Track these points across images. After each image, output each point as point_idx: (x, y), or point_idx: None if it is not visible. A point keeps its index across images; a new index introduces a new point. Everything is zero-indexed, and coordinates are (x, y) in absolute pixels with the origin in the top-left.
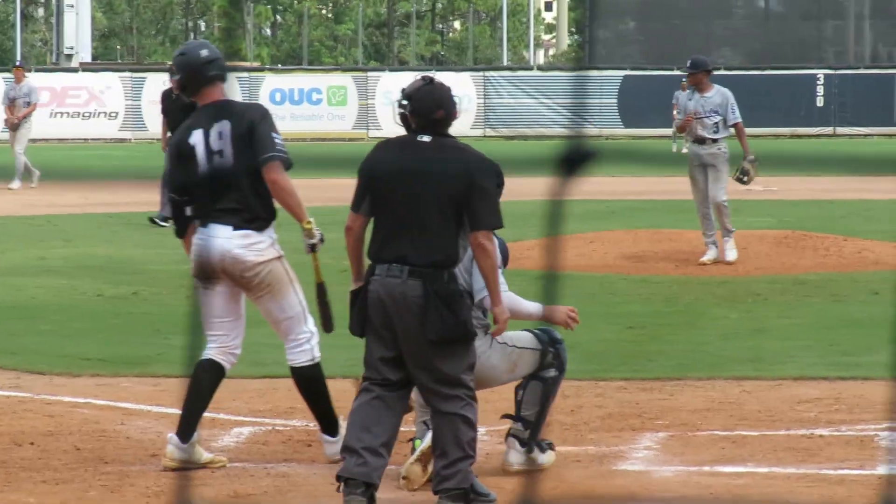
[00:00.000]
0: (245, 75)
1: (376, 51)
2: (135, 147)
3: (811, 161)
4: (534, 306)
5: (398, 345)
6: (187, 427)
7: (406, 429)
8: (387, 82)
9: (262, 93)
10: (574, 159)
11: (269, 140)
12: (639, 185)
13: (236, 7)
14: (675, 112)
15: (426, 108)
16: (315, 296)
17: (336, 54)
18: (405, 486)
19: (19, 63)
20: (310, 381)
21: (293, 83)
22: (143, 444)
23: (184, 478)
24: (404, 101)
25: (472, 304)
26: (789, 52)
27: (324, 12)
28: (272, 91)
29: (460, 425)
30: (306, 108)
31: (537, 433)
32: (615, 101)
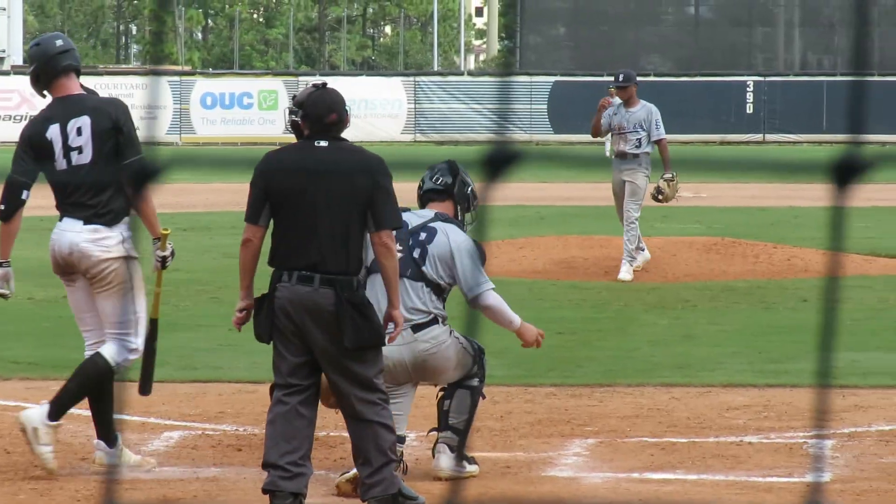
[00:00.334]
0: (176, 79)
1: (307, 55)
2: None
3: (733, 163)
4: (515, 317)
5: (308, 351)
6: (105, 428)
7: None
8: None
9: (193, 97)
10: (498, 161)
11: (136, 142)
12: (569, 191)
13: (166, 9)
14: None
15: (319, 112)
16: (146, 337)
17: (267, 58)
18: (336, 491)
19: None
20: (102, 379)
21: (224, 87)
22: (72, 447)
23: (113, 482)
24: (296, 108)
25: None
26: (719, 58)
27: (255, 16)
28: (203, 95)
29: (380, 431)
30: (237, 112)
31: (465, 440)
32: (545, 107)
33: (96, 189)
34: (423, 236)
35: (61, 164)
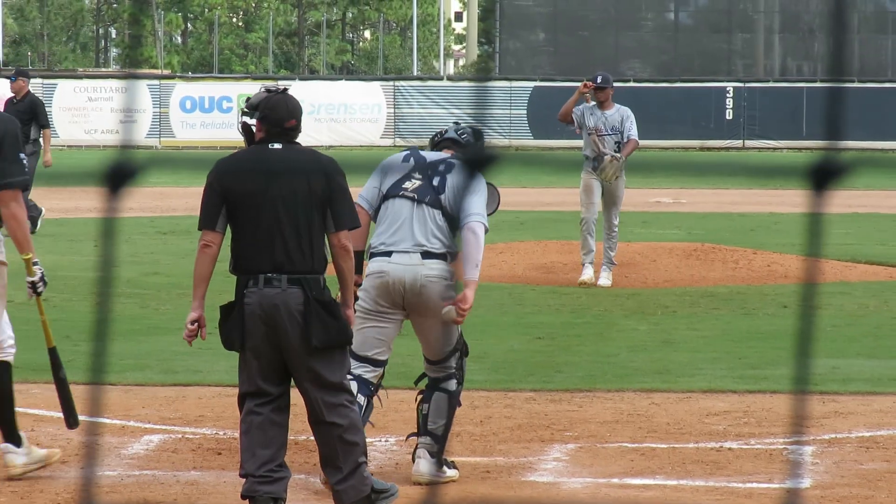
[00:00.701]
0: (155, 83)
1: (287, 59)
2: None
3: (710, 166)
4: (477, 272)
5: (278, 356)
6: (7, 428)
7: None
8: (297, 91)
9: (172, 100)
10: (477, 164)
11: (17, 161)
12: (549, 196)
13: (144, 12)
14: (574, 127)
15: (279, 116)
16: (49, 365)
17: (247, 62)
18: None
19: None
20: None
21: (204, 91)
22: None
23: (93, 484)
24: (249, 111)
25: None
26: (699, 64)
27: (234, 20)
28: (182, 99)
29: (346, 435)
30: (217, 116)
31: (444, 446)
32: (525, 111)
33: None
34: (443, 167)
35: None
